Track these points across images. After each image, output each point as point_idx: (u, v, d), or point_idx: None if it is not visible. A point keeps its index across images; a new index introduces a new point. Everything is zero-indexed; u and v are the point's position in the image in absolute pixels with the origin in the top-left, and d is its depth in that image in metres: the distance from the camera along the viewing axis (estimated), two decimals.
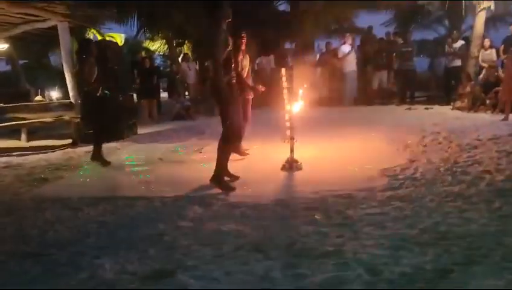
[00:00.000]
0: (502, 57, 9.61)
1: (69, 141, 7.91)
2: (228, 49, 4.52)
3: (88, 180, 5.38)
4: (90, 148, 6.35)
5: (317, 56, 12.95)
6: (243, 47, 5.62)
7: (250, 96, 6.18)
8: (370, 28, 13.21)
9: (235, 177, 4.74)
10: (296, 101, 5.40)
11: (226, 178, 4.64)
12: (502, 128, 6.79)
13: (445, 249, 2.76)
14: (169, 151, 6.80)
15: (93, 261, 2.87)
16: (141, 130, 9.13)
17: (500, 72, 9.19)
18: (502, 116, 7.68)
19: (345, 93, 11.85)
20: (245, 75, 5.86)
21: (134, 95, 11.05)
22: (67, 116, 8.36)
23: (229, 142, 4.62)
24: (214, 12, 4.44)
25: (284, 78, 6.71)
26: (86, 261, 2.89)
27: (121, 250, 3.04)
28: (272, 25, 13.09)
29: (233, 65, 4.63)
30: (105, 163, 6.02)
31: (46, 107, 10.84)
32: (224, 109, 4.51)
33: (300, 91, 5.50)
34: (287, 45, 15.43)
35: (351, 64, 11.60)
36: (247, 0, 12.85)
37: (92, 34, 14.35)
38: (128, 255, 2.95)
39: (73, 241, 3.29)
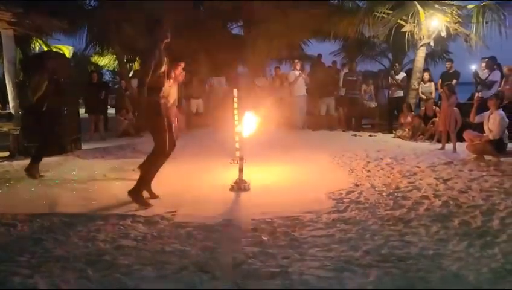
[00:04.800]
0: (439, 90, 10.23)
1: (7, 153, 7.47)
2: (161, 71, 4.48)
3: (25, 195, 5.07)
4: (28, 161, 6.02)
5: (268, 80, 13.17)
6: (174, 75, 5.61)
7: (174, 122, 6.19)
8: (319, 56, 13.67)
9: (154, 196, 4.69)
10: (246, 122, 5.43)
11: (146, 195, 4.63)
12: (439, 157, 7.17)
13: (387, 272, 2.84)
14: (114, 168, 6.58)
15: (26, 280, 2.70)
16: (86, 146, 8.80)
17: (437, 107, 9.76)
18: (439, 146, 8.12)
19: (294, 118, 12.09)
20: (170, 102, 5.83)
21: (81, 110, 10.68)
22: (5, 127, 7.90)
23: (157, 160, 4.60)
24: (153, 32, 4.51)
25: (235, 99, 6.77)
26: (18, 281, 2.70)
27: (57, 269, 2.88)
28: (225, 47, 13.22)
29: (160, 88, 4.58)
30: (37, 177, 5.78)
31: None
32: (151, 128, 4.58)
33: (250, 113, 5.54)
34: (239, 68, 15.65)
35: (300, 89, 11.88)
36: (201, 21, 12.99)
37: (37, 45, 13.85)
38: (64, 274, 2.80)
39: (5, 260, 3.07)
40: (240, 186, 5.12)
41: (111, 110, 13.64)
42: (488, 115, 6.86)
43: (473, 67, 9.63)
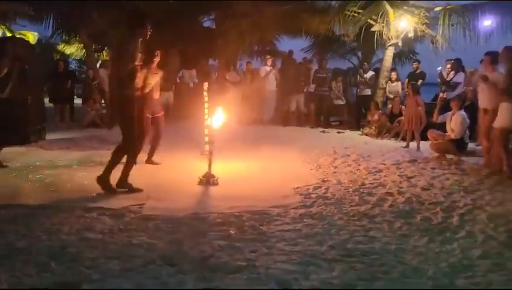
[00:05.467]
0: (406, 90, 10.49)
1: None
2: (135, 64, 4.52)
3: None
4: None
5: (239, 74, 13.15)
6: (153, 65, 5.59)
7: (160, 113, 6.16)
8: (291, 52, 13.73)
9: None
10: (217, 116, 5.42)
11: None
12: (404, 155, 7.37)
13: (351, 266, 2.91)
14: (80, 159, 6.44)
15: None
16: (51, 136, 8.54)
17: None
18: (404, 144, 8.34)
19: (264, 113, 12.14)
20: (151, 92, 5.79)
21: (46, 98, 10.37)
22: None
23: (123, 152, 4.66)
24: (134, 26, 4.58)
25: (205, 93, 6.76)
26: None
27: (19, 262, 2.82)
28: (196, 40, 13.10)
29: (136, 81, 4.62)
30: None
31: None
32: (123, 120, 4.64)
33: (221, 107, 5.54)
34: (211, 62, 15.54)
35: (270, 84, 11.94)
36: (173, 14, 12.81)
37: (0, 30, 13.33)
38: (26, 267, 2.74)
39: None
40: (208, 180, 5.11)
41: (78, 100, 13.32)
42: (450, 115, 7.10)
43: (439, 68, 9.90)
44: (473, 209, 4.25)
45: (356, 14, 11.04)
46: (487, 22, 10.17)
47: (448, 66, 9.63)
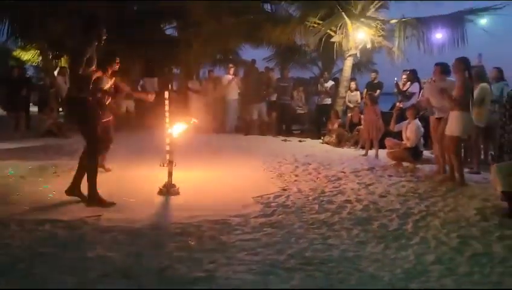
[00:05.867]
0: (364, 99, 10.76)
1: None
2: (91, 69, 4.50)
3: None
4: None
5: (201, 83, 13.10)
6: (109, 71, 5.51)
7: (107, 118, 6.07)
8: (253, 61, 13.83)
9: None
10: (177, 125, 5.37)
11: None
12: (362, 163, 7.53)
13: (310, 274, 2.94)
14: (34, 170, 6.21)
15: None
16: (5, 145, 8.22)
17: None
18: (363, 152, 8.54)
19: (226, 121, 12.14)
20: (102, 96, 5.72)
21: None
22: None
23: (94, 160, 4.63)
24: (88, 31, 4.56)
25: (166, 102, 6.67)
26: None
27: None
28: (157, 48, 12.97)
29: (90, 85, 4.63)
30: None
31: None
32: (81, 125, 4.66)
33: (182, 116, 5.50)
34: (173, 70, 15.41)
35: (232, 93, 11.96)
36: (134, 20, 12.65)
37: None
38: None
39: None
40: (168, 189, 5.05)
41: (34, 108, 12.87)
42: (406, 124, 7.33)
43: (396, 79, 10.22)
44: (427, 216, 4.39)
45: (316, 25, 11.26)
46: (439, 35, 10.60)
47: (404, 76, 9.96)
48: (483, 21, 10.36)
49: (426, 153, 7.83)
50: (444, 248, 3.52)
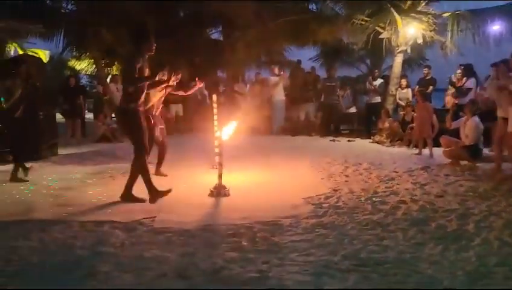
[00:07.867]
0: (416, 96, 10.40)
1: None
2: (144, 80, 4.62)
3: None
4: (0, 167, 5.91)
5: (248, 86, 13.19)
6: (169, 83, 5.55)
7: (159, 126, 6.19)
8: (299, 61, 13.77)
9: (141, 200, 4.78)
10: (226, 127, 5.43)
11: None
12: (416, 162, 7.29)
13: (365, 276, 2.87)
14: (92, 174, 6.48)
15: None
16: (63, 151, 8.65)
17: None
18: (416, 151, 8.26)
19: (273, 122, 12.14)
20: (151, 107, 5.84)
21: (58, 114, 10.52)
22: None
23: (141, 164, 4.76)
24: (138, 41, 4.65)
25: (214, 105, 6.79)
26: None
27: (33, 277, 2.82)
28: (204, 52, 13.20)
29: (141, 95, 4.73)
30: (23, 181, 5.82)
31: None
32: (130, 134, 4.80)
33: (231, 118, 5.55)
34: (219, 73, 15.63)
35: (279, 94, 11.95)
36: (180, 26, 12.95)
37: (12, 48, 13.56)
38: (40, 282, 2.74)
39: None
40: (219, 191, 5.11)
41: (89, 115, 13.46)
42: (464, 121, 7.01)
43: (451, 75, 9.78)
44: (489, 216, 4.17)
45: (364, 23, 11.03)
46: (496, 27, 10.09)
47: (459, 71, 9.54)
48: None
49: (486, 151, 7.45)
50: (508, 249, 3.33)
